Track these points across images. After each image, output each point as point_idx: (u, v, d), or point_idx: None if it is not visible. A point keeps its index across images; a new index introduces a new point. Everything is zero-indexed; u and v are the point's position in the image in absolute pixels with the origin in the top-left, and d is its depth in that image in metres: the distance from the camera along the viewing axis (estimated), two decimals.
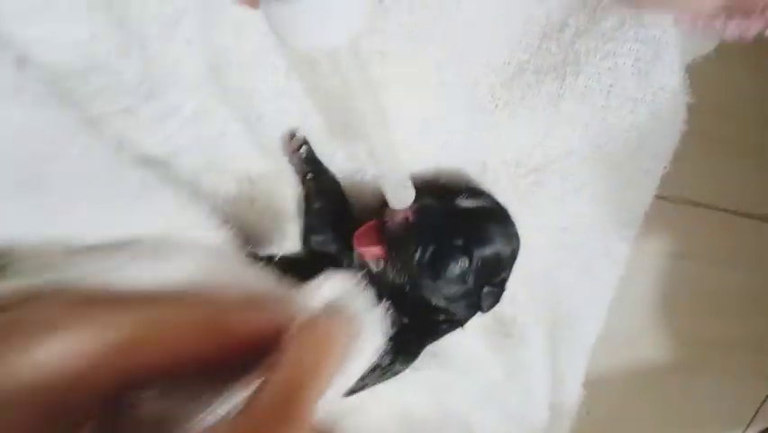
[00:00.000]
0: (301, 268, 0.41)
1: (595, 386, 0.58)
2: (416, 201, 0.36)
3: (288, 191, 0.40)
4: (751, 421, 0.66)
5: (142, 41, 0.30)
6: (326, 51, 0.27)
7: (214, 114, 0.38)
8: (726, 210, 0.53)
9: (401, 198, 0.35)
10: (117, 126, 0.30)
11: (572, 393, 0.56)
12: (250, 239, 0.42)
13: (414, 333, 0.41)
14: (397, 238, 0.36)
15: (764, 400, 0.66)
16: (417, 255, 0.36)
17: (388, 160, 0.33)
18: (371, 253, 0.37)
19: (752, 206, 0.54)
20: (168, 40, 0.30)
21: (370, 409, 0.49)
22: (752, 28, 0.33)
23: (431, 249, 0.36)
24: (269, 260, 0.41)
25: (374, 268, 0.37)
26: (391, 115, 0.38)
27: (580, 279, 0.49)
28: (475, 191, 0.39)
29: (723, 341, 0.62)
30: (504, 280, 0.40)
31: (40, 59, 0.28)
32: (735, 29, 0.34)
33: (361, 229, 0.38)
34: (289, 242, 0.41)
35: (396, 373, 0.42)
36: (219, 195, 0.40)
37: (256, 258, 0.41)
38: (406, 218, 0.36)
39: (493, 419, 0.56)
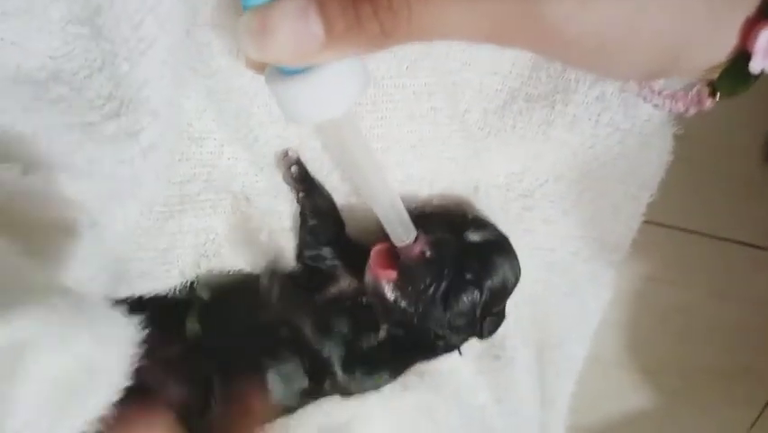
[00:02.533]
0: (296, 283, 0.42)
1: (583, 410, 0.58)
2: (428, 232, 0.36)
3: (284, 209, 0.41)
4: None
5: (113, 60, 0.30)
6: (326, 122, 0.28)
7: (210, 132, 0.39)
8: (712, 236, 0.54)
9: (402, 236, 0.35)
10: (74, 137, 0.30)
11: (560, 416, 0.57)
12: (244, 256, 0.43)
13: (407, 350, 0.41)
14: (413, 272, 0.36)
15: (750, 428, 0.67)
16: (432, 289, 0.36)
17: (389, 206, 0.34)
18: (387, 275, 0.37)
19: (739, 232, 0.55)
20: (137, 62, 0.30)
21: (360, 428, 0.50)
22: (684, 108, 0.34)
23: (445, 283, 0.37)
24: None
25: (389, 295, 0.37)
26: (385, 138, 0.39)
27: (568, 301, 0.50)
28: (480, 223, 0.40)
29: (708, 368, 0.63)
30: (504, 308, 0.41)
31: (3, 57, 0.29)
32: (671, 106, 0.35)
33: (377, 250, 0.38)
34: (285, 258, 0.42)
35: (382, 384, 0.42)
36: (215, 213, 0.41)
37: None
38: (423, 253, 0.36)
39: None
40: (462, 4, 0.24)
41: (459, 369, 0.51)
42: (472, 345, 0.51)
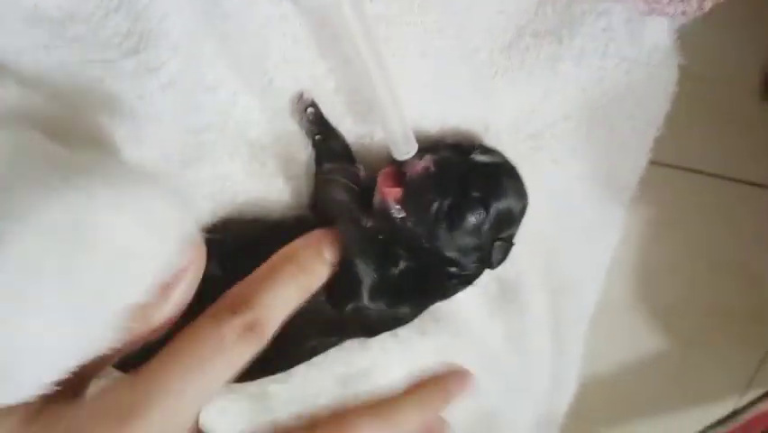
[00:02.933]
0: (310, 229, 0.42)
1: (595, 356, 0.59)
2: (434, 153, 0.37)
3: (299, 155, 0.42)
4: (747, 388, 0.68)
5: None
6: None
7: (223, 81, 0.40)
8: (719, 176, 0.55)
9: (404, 149, 0.36)
10: (96, 74, 0.31)
11: (574, 359, 0.58)
12: (261, 203, 0.43)
13: (425, 283, 0.42)
14: (417, 187, 0.37)
15: (759, 368, 0.68)
16: (436, 205, 0.37)
17: (391, 110, 0.35)
18: (392, 194, 0.37)
19: (745, 172, 0.56)
20: None
21: (380, 375, 0.51)
22: (698, 4, 0.35)
23: (449, 200, 0.37)
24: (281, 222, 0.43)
25: (396, 215, 0.38)
26: (395, 78, 0.40)
27: (579, 242, 0.51)
28: (487, 148, 0.41)
29: (717, 310, 0.64)
30: (512, 236, 0.42)
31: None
32: (684, 8, 0.35)
33: (385, 171, 0.38)
34: (300, 204, 0.43)
35: (401, 321, 0.43)
36: (231, 161, 0.42)
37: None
38: (427, 168, 0.37)
39: (496, 384, 0.57)
40: None
41: (474, 313, 0.52)
42: (486, 290, 0.52)
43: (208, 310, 0.33)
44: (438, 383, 0.34)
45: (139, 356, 0.32)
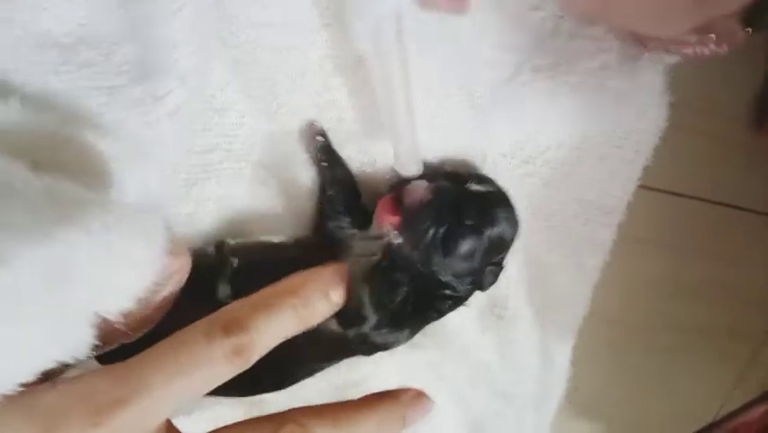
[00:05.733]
0: (314, 251, 0.44)
1: (581, 365, 0.61)
2: (432, 182, 0.38)
3: (301, 178, 0.43)
4: (724, 402, 0.71)
5: (143, 24, 0.32)
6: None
7: (232, 104, 0.41)
8: (702, 199, 0.56)
9: (412, 169, 0.38)
10: (102, 99, 0.32)
11: (561, 372, 0.60)
12: (263, 223, 0.45)
13: (423, 305, 0.43)
14: (414, 215, 0.38)
15: (737, 382, 0.70)
16: (432, 232, 0.38)
17: (408, 128, 0.36)
18: (390, 220, 0.39)
19: (726, 195, 0.58)
20: (168, 24, 0.32)
21: (371, 384, 0.53)
22: (714, 48, 0.36)
23: (444, 227, 0.38)
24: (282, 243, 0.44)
25: (393, 240, 0.39)
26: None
27: (567, 262, 0.53)
28: (482, 178, 0.42)
29: (698, 326, 0.66)
30: (502, 260, 0.43)
31: (34, 23, 0.30)
32: (698, 51, 0.37)
33: (384, 199, 0.40)
34: (301, 225, 0.45)
35: (399, 343, 0.44)
36: (236, 181, 0.43)
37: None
38: (424, 196, 0.38)
39: (485, 397, 0.59)
40: None
41: (464, 328, 0.54)
42: (477, 306, 0.53)
43: (202, 322, 0.32)
44: (398, 405, 0.34)
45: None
